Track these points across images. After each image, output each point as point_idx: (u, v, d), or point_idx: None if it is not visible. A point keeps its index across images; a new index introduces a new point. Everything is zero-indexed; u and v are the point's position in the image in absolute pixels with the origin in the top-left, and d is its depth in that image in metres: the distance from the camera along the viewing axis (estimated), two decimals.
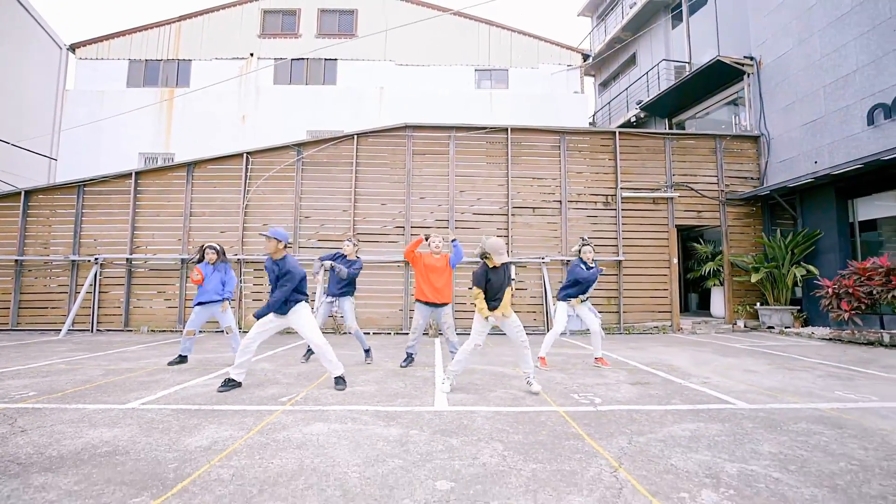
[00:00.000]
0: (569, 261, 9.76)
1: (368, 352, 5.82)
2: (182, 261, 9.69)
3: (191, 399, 3.87)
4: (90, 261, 9.60)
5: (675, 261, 10.12)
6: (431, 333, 9.00)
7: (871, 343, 7.40)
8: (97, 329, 9.47)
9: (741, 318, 9.98)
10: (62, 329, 9.00)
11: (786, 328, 9.29)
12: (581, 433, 3.04)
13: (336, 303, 5.74)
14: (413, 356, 5.58)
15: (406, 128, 10.21)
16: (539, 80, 15.68)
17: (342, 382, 4.29)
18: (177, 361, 5.47)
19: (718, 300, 10.85)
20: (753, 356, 6.43)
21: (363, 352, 5.87)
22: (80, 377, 4.77)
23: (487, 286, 4.05)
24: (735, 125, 12.05)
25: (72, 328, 9.25)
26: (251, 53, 15.31)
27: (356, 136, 10.13)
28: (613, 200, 10.15)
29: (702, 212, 10.32)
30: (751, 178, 10.54)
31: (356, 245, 5.88)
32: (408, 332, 7.39)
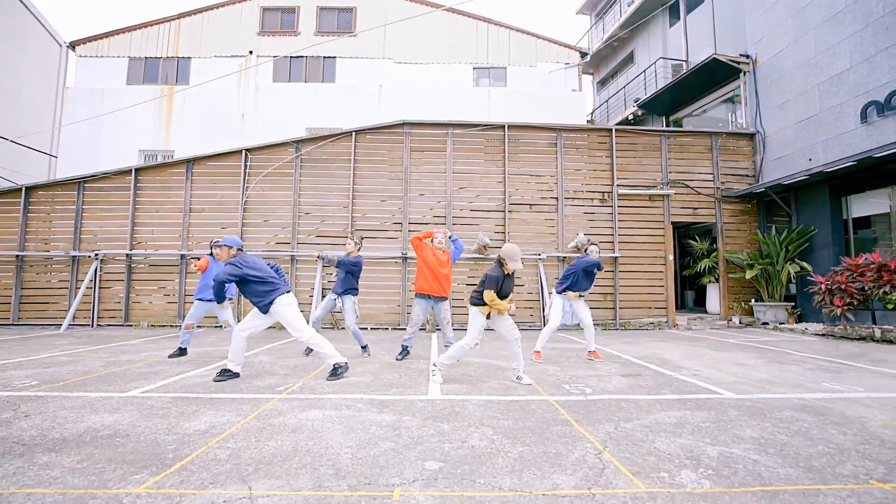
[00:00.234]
0: (565, 257, 9.85)
1: (365, 348, 5.87)
2: (181, 256, 9.77)
3: (189, 388, 3.96)
4: (90, 256, 9.67)
5: (671, 257, 10.20)
6: (428, 328, 9.08)
7: (863, 338, 7.48)
8: (97, 324, 9.55)
9: (736, 315, 10.06)
10: (63, 323, 9.08)
11: (780, 324, 9.37)
12: (569, 420, 3.12)
13: (339, 300, 5.82)
14: (409, 349, 5.66)
15: (404, 125, 10.28)
16: (537, 78, 15.75)
17: (336, 374, 4.35)
18: (176, 354, 5.56)
19: (714, 297, 10.94)
20: (746, 351, 6.52)
21: (360, 347, 5.94)
22: (82, 368, 4.85)
23: (499, 290, 4.12)
24: (731, 123, 12.13)
25: (72, 323, 9.33)
26: (250, 51, 15.37)
27: (354, 134, 10.20)
28: (610, 197, 10.23)
29: (698, 209, 10.40)
30: (746, 176, 10.62)
31: (357, 243, 5.91)
32: (405, 328, 7.47)
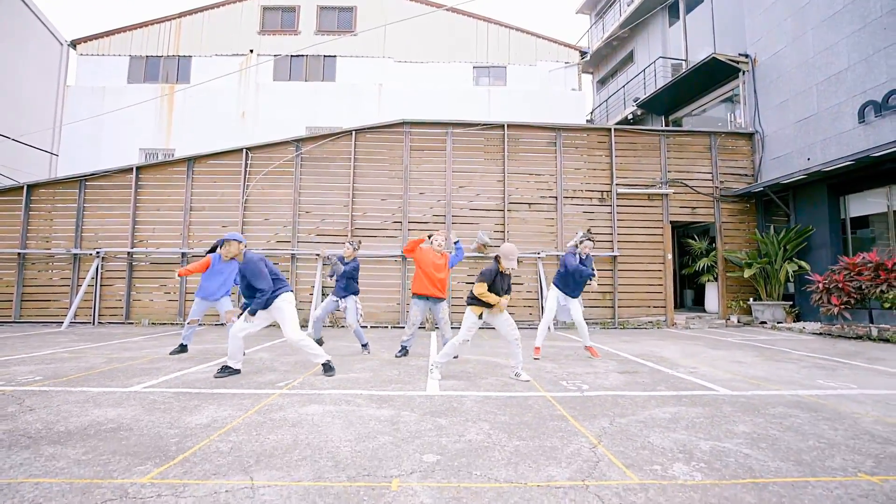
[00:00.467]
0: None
1: (366, 346, 5.92)
2: (182, 254, 9.82)
3: (191, 384, 4.01)
4: (91, 254, 9.72)
5: (670, 256, 10.24)
6: (428, 327, 9.13)
7: (860, 337, 7.53)
8: (98, 321, 9.60)
9: (734, 314, 10.11)
10: (64, 321, 9.13)
11: (778, 323, 9.42)
12: (566, 415, 3.17)
13: (341, 302, 5.86)
14: (407, 349, 5.69)
15: (404, 124, 10.32)
16: (537, 77, 15.78)
17: (331, 369, 4.41)
18: (177, 351, 5.61)
19: (712, 296, 10.99)
20: (743, 349, 6.56)
21: (360, 345, 5.98)
22: (84, 364, 4.90)
23: (491, 286, 4.17)
24: (730, 122, 12.16)
25: (73, 320, 9.38)
26: (251, 50, 15.41)
27: (354, 133, 10.24)
28: (609, 196, 10.27)
29: (696, 208, 10.44)
30: (745, 175, 10.66)
31: (355, 247, 5.92)
32: (405, 327, 7.51)
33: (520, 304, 9.80)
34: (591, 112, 19.89)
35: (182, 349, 5.65)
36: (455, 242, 5.66)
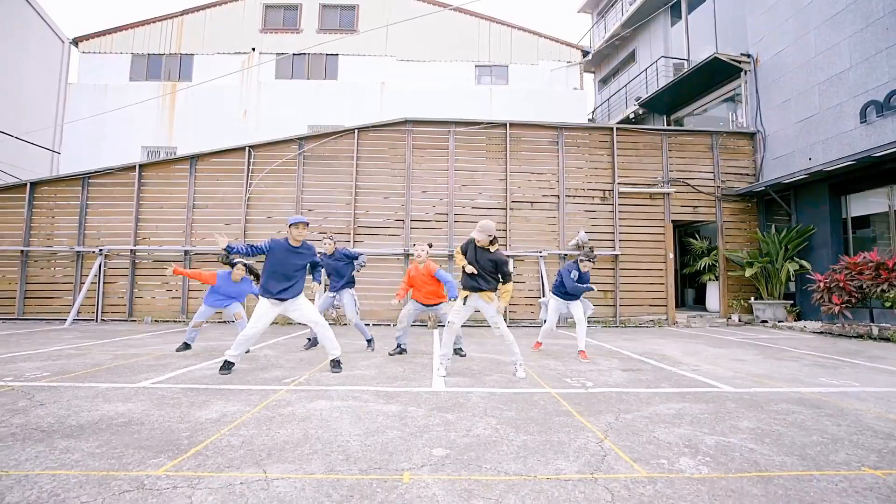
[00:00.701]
0: (566, 255, 9.93)
1: (371, 342, 5.94)
2: (185, 252, 9.84)
3: (197, 380, 4.03)
4: (94, 252, 9.74)
5: (671, 255, 10.27)
6: (430, 325, 9.16)
7: (861, 336, 7.56)
8: (101, 319, 9.62)
9: (735, 313, 10.14)
10: (67, 318, 9.15)
11: (779, 322, 9.45)
12: (571, 411, 3.20)
13: (337, 297, 5.88)
14: (403, 347, 5.64)
15: (406, 122, 10.34)
16: (539, 77, 15.79)
17: (338, 366, 4.45)
18: (182, 348, 5.63)
19: (713, 295, 11.02)
20: (744, 347, 6.60)
21: (365, 341, 6.01)
22: (90, 361, 4.93)
23: (467, 255, 4.38)
24: (732, 122, 12.18)
25: (76, 318, 9.41)
26: (253, 48, 15.41)
27: (357, 131, 10.26)
28: (611, 195, 10.29)
29: (698, 207, 10.47)
30: (746, 175, 10.68)
31: (334, 241, 5.87)
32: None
33: (521, 303, 9.83)
34: (593, 111, 19.91)
35: (186, 347, 5.67)
36: (437, 271, 5.51)
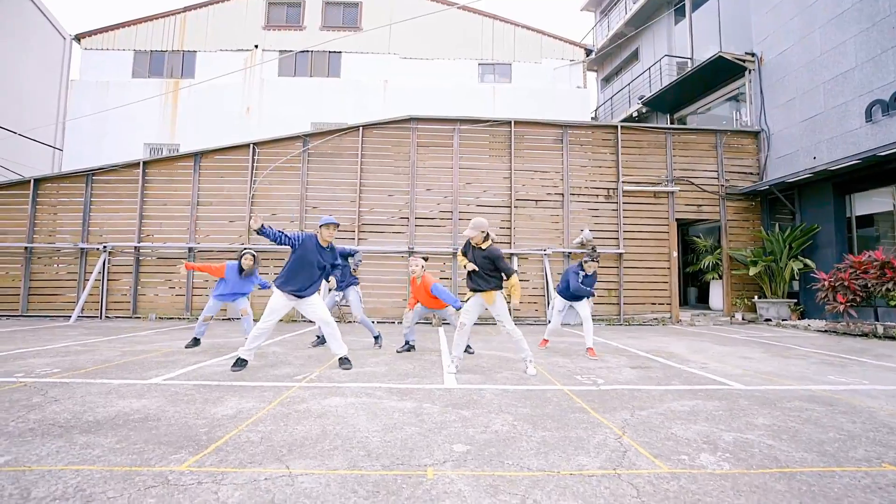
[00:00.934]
0: (570, 252, 9.93)
1: (378, 338, 5.95)
2: (189, 249, 9.82)
3: (208, 377, 4.03)
4: (98, 249, 9.72)
5: (675, 254, 10.28)
6: (435, 323, 9.17)
7: (865, 334, 7.58)
8: (106, 316, 9.61)
9: (739, 311, 10.15)
10: (72, 315, 9.14)
11: (783, 320, 9.47)
12: (586, 407, 3.21)
13: (340, 294, 5.88)
14: (411, 344, 5.68)
15: (411, 120, 10.32)
16: (542, 75, 15.77)
17: (348, 363, 4.45)
18: (192, 344, 5.64)
19: (717, 293, 11.03)
20: (749, 345, 6.61)
21: (372, 338, 6.01)
22: (99, 357, 4.92)
23: (467, 255, 4.46)
24: (736, 121, 12.17)
25: (81, 315, 9.39)
26: (256, 45, 15.36)
27: (362, 128, 10.24)
28: (615, 194, 10.29)
29: (702, 206, 10.47)
30: (750, 173, 10.69)
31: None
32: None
33: (525, 301, 9.83)
34: (596, 110, 19.89)
35: (195, 343, 5.67)
36: (433, 286, 5.50)
